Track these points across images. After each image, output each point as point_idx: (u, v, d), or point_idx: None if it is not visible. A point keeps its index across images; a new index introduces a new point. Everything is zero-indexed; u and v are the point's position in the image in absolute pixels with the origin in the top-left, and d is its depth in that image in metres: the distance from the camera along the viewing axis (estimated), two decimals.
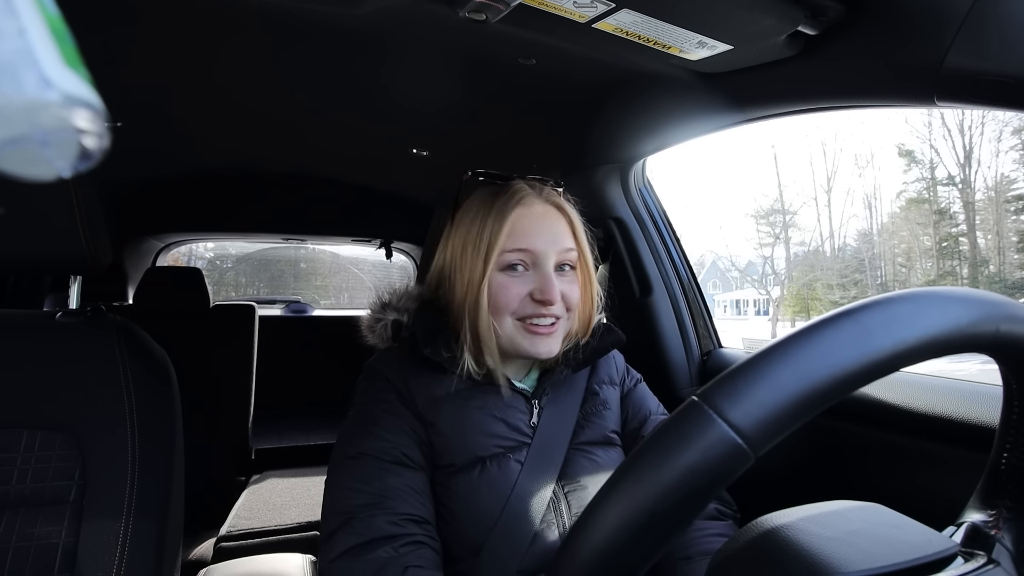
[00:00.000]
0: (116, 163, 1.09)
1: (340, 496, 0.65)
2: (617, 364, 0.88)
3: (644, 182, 1.30)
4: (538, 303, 0.71)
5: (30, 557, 0.68)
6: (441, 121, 1.21)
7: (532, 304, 0.71)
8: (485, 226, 0.72)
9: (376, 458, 0.66)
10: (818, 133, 22.66)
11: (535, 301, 0.71)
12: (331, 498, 0.66)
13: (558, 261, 0.73)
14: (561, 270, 0.74)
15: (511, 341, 0.72)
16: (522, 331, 0.72)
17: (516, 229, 0.72)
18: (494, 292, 0.71)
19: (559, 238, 0.73)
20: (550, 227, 0.74)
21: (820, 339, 0.30)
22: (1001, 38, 0.55)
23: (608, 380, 0.84)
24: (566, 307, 0.74)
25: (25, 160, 0.17)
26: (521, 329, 0.72)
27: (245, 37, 0.85)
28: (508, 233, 0.71)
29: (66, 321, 0.80)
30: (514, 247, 0.71)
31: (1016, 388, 0.37)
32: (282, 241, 2.54)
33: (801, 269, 13.35)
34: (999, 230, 10.14)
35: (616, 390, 0.84)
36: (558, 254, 0.73)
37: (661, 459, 0.29)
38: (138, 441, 0.75)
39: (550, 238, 0.73)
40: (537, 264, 0.72)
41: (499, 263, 0.71)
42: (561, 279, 0.73)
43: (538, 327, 0.71)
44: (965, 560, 0.35)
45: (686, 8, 0.65)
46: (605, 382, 0.83)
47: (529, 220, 0.73)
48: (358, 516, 0.62)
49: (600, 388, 0.82)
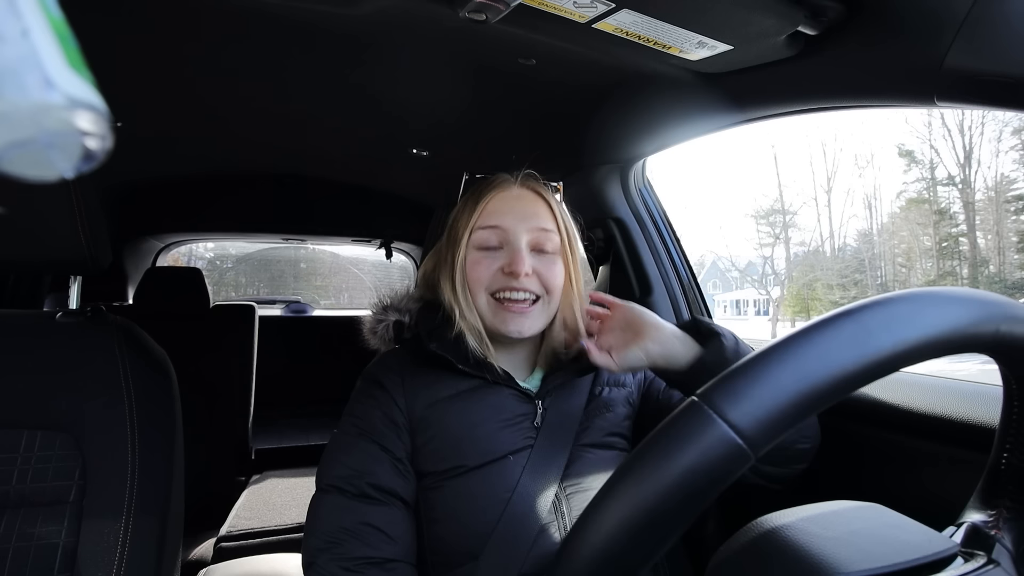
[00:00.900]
0: (116, 163, 1.08)
1: (306, 535, 0.67)
2: None
3: (644, 182, 1.30)
4: (508, 275, 0.72)
5: (30, 557, 0.68)
6: (441, 121, 1.21)
7: (503, 277, 0.73)
8: (462, 214, 0.77)
9: (339, 491, 0.67)
10: (818, 133, 22.65)
11: (505, 274, 0.73)
12: (304, 532, 0.68)
13: (533, 240, 0.75)
14: (540, 252, 0.75)
15: (486, 319, 0.74)
16: (496, 308, 0.74)
17: (489, 208, 0.75)
18: (468, 268, 0.74)
19: (532, 217, 0.75)
20: (523, 207, 0.76)
21: (820, 339, 0.30)
22: (1001, 38, 0.55)
23: (613, 382, 0.83)
24: (544, 288, 0.75)
25: (29, 162, 0.17)
26: (495, 306, 0.74)
27: (245, 37, 0.85)
28: (481, 212, 0.75)
29: (66, 321, 0.80)
30: (486, 224, 0.74)
31: (1016, 388, 0.37)
32: (282, 241, 2.54)
33: (801, 269, 13.35)
34: (999, 230, 10.14)
35: (622, 391, 0.84)
36: (531, 232, 0.75)
37: (661, 459, 0.29)
38: (138, 441, 0.75)
39: (521, 215, 0.75)
40: (508, 241, 0.74)
41: (473, 242, 0.75)
42: (539, 259, 0.75)
43: (511, 304, 0.73)
44: (965, 560, 0.35)
45: (686, 8, 0.65)
46: (610, 384, 0.83)
47: (503, 201, 0.76)
48: (316, 561, 0.63)
49: (604, 390, 0.81)
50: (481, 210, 0.75)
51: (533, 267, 0.73)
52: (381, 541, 0.65)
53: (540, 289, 0.74)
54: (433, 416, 0.71)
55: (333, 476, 0.68)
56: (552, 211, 0.77)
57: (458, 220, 0.77)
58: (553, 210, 0.78)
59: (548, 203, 0.78)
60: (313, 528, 0.66)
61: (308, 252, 4.07)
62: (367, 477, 0.67)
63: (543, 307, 0.75)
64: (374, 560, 0.63)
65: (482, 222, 0.74)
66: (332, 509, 0.66)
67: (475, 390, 0.73)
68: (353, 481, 0.67)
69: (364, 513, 0.66)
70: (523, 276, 0.72)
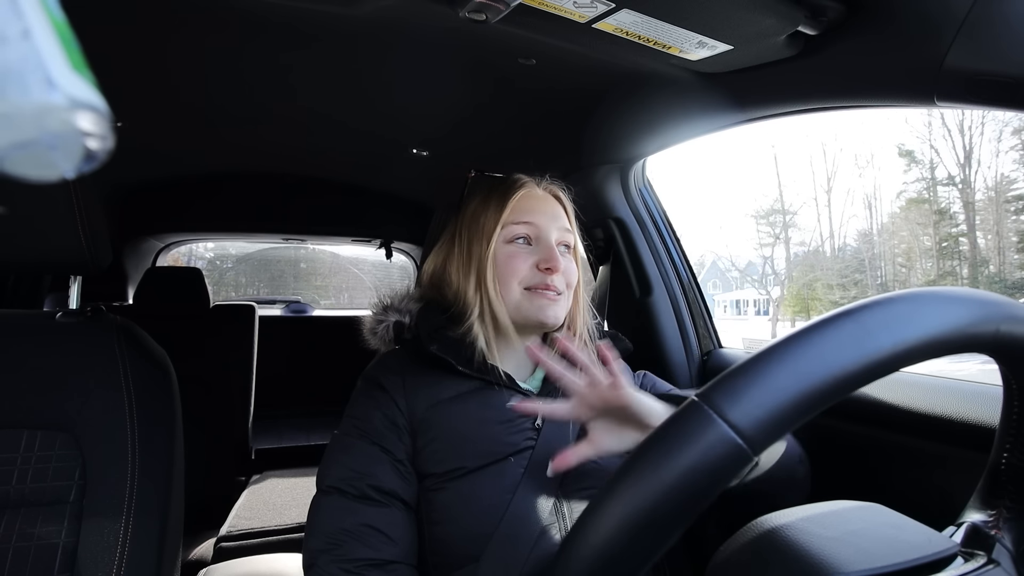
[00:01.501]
0: (116, 163, 1.08)
1: (307, 536, 0.67)
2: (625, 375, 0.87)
3: (644, 182, 1.30)
4: (544, 271, 0.75)
5: (30, 557, 0.68)
6: (441, 121, 1.21)
7: (538, 273, 0.75)
8: (488, 210, 0.77)
9: (341, 493, 0.67)
10: (818, 133, 22.67)
11: (540, 270, 0.75)
12: (305, 533, 0.68)
13: (558, 240, 0.78)
14: (561, 250, 0.78)
15: (518, 310, 0.75)
16: (529, 297, 0.75)
17: (520, 207, 0.77)
18: (501, 263, 0.76)
19: (559, 218, 0.80)
20: (551, 208, 0.80)
21: (820, 339, 0.30)
22: (1001, 38, 0.55)
23: None
24: (567, 284, 0.78)
25: (30, 162, 0.17)
26: (528, 295, 0.75)
27: (245, 37, 0.85)
28: (512, 209, 0.77)
29: (66, 321, 0.80)
30: (519, 220, 0.77)
31: (1016, 388, 0.37)
32: (282, 241, 2.54)
33: (801, 269, 13.35)
34: (999, 230, 10.14)
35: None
36: (559, 231, 0.79)
37: (661, 459, 0.29)
38: (138, 441, 0.75)
39: (551, 216, 0.79)
40: (540, 238, 0.77)
41: (505, 236, 0.77)
42: (562, 257, 0.77)
43: (545, 292, 0.75)
44: (965, 560, 0.35)
45: (686, 8, 0.65)
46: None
47: (532, 200, 0.79)
48: (317, 563, 0.63)
49: None
50: (512, 207, 0.77)
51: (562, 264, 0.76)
52: (382, 543, 0.65)
53: (564, 285, 0.77)
54: (434, 418, 0.71)
55: (334, 477, 0.68)
56: (567, 214, 0.81)
57: (482, 216, 0.77)
58: (569, 217, 0.82)
59: (565, 206, 0.82)
60: (314, 529, 0.66)
61: (308, 252, 4.07)
62: (368, 479, 0.67)
63: (566, 300, 0.78)
64: (375, 562, 0.63)
65: (515, 218, 0.77)
66: (333, 510, 0.66)
67: (476, 391, 0.73)
68: (354, 483, 0.67)
69: (365, 514, 0.66)
70: (558, 272, 0.75)
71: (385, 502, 0.67)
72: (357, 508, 0.66)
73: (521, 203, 0.78)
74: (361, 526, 0.65)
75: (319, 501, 0.68)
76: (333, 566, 0.62)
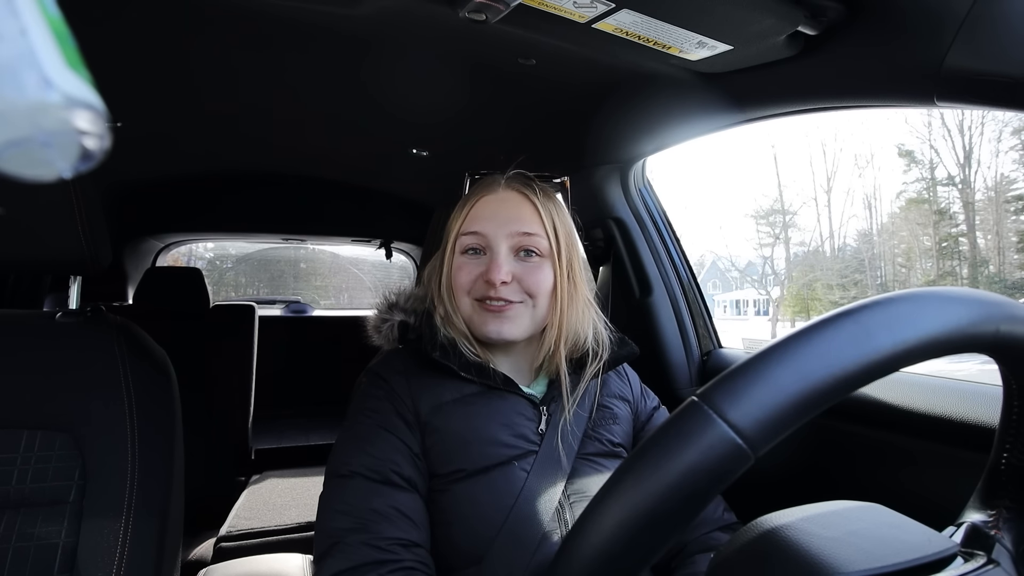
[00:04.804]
0: (116, 163, 1.08)
1: (328, 518, 0.65)
2: (631, 383, 0.87)
3: (644, 182, 1.31)
4: (487, 284, 0.72)
5: (30, 557, 0.67)
6: (441, 121, 1.21)
7: (484, 285, 0.72)
8: (455, 216, 0.77)
9: (364, 477, 0.66)
10: (818, 133, 22.66)
11: (485, 282, 0.72)
12: (321, 519, 0.66)
13: (516, 245, 0.73)
14: (525, 256, 0.74)
15: (470, 321, 0.74)
16: (478, 310, 0.73)
17: (473, 213, 0.75)
18: (454, 274, 0.75)
19: (514, 221, 0.73)
20: (507, 211, 0.74)
21: (820, 339, 0.30)
22: (1001, 38, 0.55)
23: (619, 395, 0.83)
24: (527, 293, 0.73)
25: (27, 161, 0.17)
26: (478, 308, 0.74)
27: (245, 37, 0.85)
28: (465, 217, 0.75)
29: (66, 321, 0.80)
30: (468, 230, 0.75)
31: (1016, 388, 0.37)
32: (282, 241, 2.54)
33: (801, 269, 13.35)
34: (999, 230, 10.14)
35: (627, 407, 0.83)
36: (511, 237, 0.73)
37: (661, 459, 0.28)
38: (138, 441, 0.75)
39: (503, 220, 0.73)
40: (490, 247, 0.74)
41: (459, 246, 0.75)
42: (523, 264, 0.74)
43: (490, 306, 0.72)
44: (965, 560, 0.35)
45: (686, 8, 0.65)
46: (616, 396, 0.82)
47: (487, 205, 0.75)
48: (345, 541, 0.61)
49: (610, 401, 0.81)
50: (466, 215, 0.75)
51: (514, 273, 0.72)
52: (409, 525, 0.64)
53: (521, 295, 0.73)
54: (438, 419, 0.70)
55: (356, 464, 0.67)
56: (539, 213, 0.75)
57: (449, 224, 0.77)
58: (540, 212, 0.75)
59: (534, 204, 0.75)
60: (338, 510, 0.64)
61: (308, 252, 4.08)
62: (390, 464, 0.67)
63: (527, 311, 0.74)
64: (403, 542, 0.62)
65: (466, 227, 0.74)
66: (359, 492, 0.65)
67: (479, 394, 0.73)
68: (377, 468, 0.66)
69: (392, 497, 0.65)
70: (500, 285, 0.71)
71: (408, 488, 0.67)
72: (383, 490, 0.65)
73: (476, 210, 0.75)
74: (389, 507, 0.64)
75: (340, 484, 0.66)
76: (363, 546, 0.61)
